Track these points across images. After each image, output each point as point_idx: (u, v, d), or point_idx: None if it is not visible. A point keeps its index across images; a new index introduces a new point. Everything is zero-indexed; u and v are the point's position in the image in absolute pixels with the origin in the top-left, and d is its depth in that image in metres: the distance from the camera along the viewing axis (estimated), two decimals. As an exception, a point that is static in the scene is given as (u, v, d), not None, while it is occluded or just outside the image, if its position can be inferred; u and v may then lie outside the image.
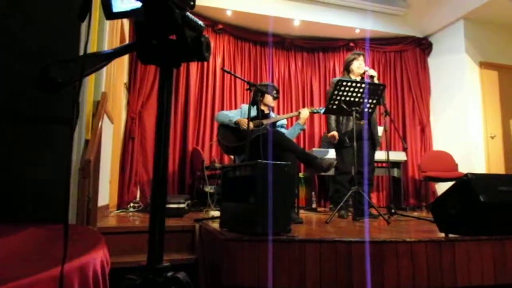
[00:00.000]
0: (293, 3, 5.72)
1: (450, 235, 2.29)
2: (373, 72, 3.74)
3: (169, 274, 0.65)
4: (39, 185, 2.09)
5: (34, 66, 2.09)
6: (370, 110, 3.53)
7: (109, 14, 0.72)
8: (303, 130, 3.85)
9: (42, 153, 2.13)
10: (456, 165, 5.53)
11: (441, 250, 2.10)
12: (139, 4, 0.67)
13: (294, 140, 3.64)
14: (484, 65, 5.74)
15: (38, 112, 2.16)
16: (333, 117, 3.84)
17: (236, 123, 3.51)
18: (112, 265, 1.56)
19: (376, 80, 3.70)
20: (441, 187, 5.73)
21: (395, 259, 2.05)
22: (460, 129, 5.71)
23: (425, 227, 2.96)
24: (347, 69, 3.99)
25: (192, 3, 0.67)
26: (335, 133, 3.80)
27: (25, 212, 2.06)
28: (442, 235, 2.33)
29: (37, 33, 2.18)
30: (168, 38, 0.66)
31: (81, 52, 2.13)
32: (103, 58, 0.62)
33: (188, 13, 0.66)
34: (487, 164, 5.47)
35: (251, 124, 3.42)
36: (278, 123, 3.77)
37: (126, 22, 4.67)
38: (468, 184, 2.23)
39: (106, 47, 3.05)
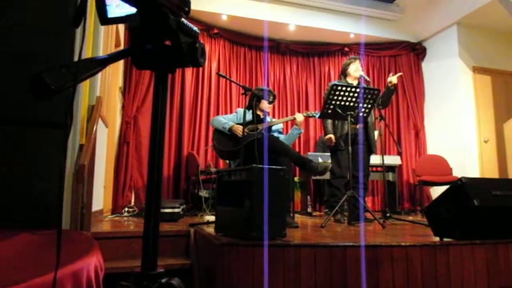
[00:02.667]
0: (288, 8, 5.75)
1: (445, 239, 2.30)
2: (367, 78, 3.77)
3: (163, 280, 0.65)
4: (33, 189, 2.08)
5: (28, 71, 2.08)
6: (365, 114, 3.55)
7: (104, 19, 0.72)
8: (301, 133, 3.85)
9: (36, 158, 2.12)
10: (451, 169, 5.56)
11: (435, 254, 2.11)
12: (133, 10, 0.67)
13: (291, 145, 3.65)
14: (477, 70, 5.80)
15: (31, 116, 2.15)
16: (329, 120, 3.85)
17: (230, 130, 3.51)
18: (106, 271, 1.54)
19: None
20: (436, 191, 5.76)
21: (390, 263, 2.05)
22: (454, 134, 5.75)
23: (420, 231, 2.97)
24: (344, 73, 4.02)
25: (186, 9, 0.67)
26: (331, 135, 3.81)
27: (17, 217, 2.04)
28: (437, 239, 2.34)
29: (32, 37, 2.17)
30: (162, 43, 0.67)
31: (76, 58, 2.12)
32: (98, 64, 0.62)
33: (183, 19, 0.66)
34: (481, 168, 5.51)
35: (246, 130, 3.42)
36: (274, 128, 3.77)
37: (121, 26, 4.66)
38: (462, 189, 2.25)
39: (101, 52, 3.05)
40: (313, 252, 2.00)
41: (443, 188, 2.75)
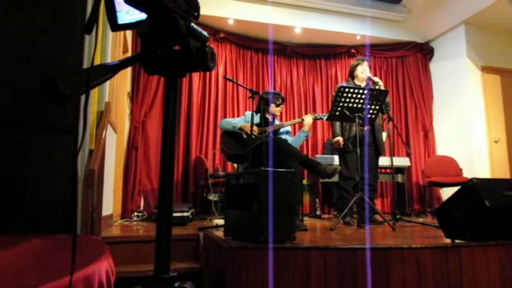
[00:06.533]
0: (294, 10, 5.76)
1: (456, 241, 2.27)
2: (376, 79, 3.75)
3: (177, 284, 0.65)
4: (43, 195, 2.10)
5: (38, 77, 2.11)
6: (373, 116, 3.53)
7: (114, 25, 0.73)
8: (308, 137, 3.83)
9: (45, 163, 2.14)
10: (460, 170, 5.50)
11: (447, 256, 2.09)
12: (144, 16, 0.67)
13: (298, 147, 3.64)
14: (486, 69, 5.74)
15: (40, 121, 2.17)
16: (337, 123, 3.85)
17: (241, 128, 3.52)
18: (117, 275, 1.55)
19: (382, 87, 3.69)
20: (446, 192, 5.70)
21: (401, 266, 2.04)
22: (464, 134, 5.69)
23: (430, 233, 2.94)
24: (351, 75, 4.02)
25: (196, 13, 0.67)
26: (340, 138, 3.81)
27: (28, 222, 2.06)
28: (448, 240, 2.32)
29: (42, 43, 2.20)
30: (172, 48, 0.67)
31: (85, 63, 2.14)
32: (109, 70, 0.63)
33: (192, 24, 0.67)
34: (491, 168, 5.44)
35: (255, 129, 3.42)
36: (282, 130, 3.76)
37: (128, 32, 4.70)
38: (473, 189, 2.23)
39: (109, 58, 3.07)
40: (323, 255, 1.99)
41: (453, 189, 2.73)
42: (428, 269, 2.05)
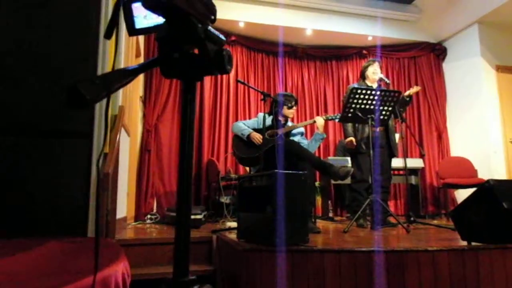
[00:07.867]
0: (305, 12, 5.75)
1: (473, 243, 2.24)
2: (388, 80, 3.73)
3: (196, 287, 0.65)
4: (58, 198, 2.13)
5: (52, 82, 2.14)
6: (385, 117, 3.50)
7: (132, 30, 0.73)
8: (324, 138, 3.77)
9: (61, 167, 2.17)
10: (476, 171, 5.42)
11: (463, 259, 2.05)
12: (161, 20, 0.68)
13: (316, 151, 3.60)
14: (501, 68, 5.65)
15: (56, 126, 2.20)
16: (349, 123, 3.82)
17: (248, 137, 3.50)
18: (132, 277, 1.56)
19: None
20: (461, 194, 5.62)
21: (417, 269, 2.01)
22: (478, 135, 5.61)
23: (446, 235, 2.90)
24: (362, 76, 4.00)
25: (213, 17, 0.68)
26: (352, 138, 3.78)
27: (44, 225, 2.09)
28: (464, 243, 2.29)
29: (56, 49, 2.24)
30: (190, 52, 0.67)
31: (100, 68, 2.16)
32: (129, 74, 0.64)
33: (209, 27, 0.67)
34: (508, 169, 5.34)
35: (260, 138, 3.41)
36: (295, 131, 3.75)
37: (141, 36, 4.75)
38: (490, 191, 2.19)
39: (123, 62, 3.10)
40: (338, 257, 1.98)
41: (468, 190, 2.69)
42: (445, 272, 2.02)
